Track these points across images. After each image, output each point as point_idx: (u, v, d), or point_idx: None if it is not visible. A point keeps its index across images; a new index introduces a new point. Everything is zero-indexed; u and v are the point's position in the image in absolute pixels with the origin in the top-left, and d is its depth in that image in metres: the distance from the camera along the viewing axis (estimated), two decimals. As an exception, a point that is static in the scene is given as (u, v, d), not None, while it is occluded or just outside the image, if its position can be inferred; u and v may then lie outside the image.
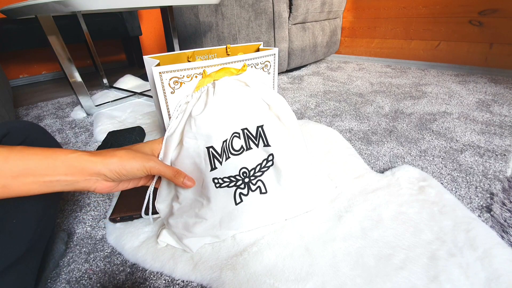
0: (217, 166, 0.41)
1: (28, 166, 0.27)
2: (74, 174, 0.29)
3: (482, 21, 1.32)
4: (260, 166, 0.44)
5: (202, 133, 0.39)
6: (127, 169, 0.33)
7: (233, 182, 0.43)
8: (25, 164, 0.27)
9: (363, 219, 0.48)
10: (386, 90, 1.18)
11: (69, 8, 0.75)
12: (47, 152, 0.29)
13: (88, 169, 0.30)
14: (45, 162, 0.28)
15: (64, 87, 1.53)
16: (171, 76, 0.41)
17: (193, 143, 0.39)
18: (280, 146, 0.44)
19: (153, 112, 1.05)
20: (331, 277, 0.38)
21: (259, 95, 0.43)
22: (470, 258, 0.40)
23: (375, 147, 0.73)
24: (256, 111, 0.42)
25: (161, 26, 2.09)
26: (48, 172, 0.28)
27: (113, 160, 0.32)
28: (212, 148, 0.40)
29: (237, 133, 0.42)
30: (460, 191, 0.55)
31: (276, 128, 0.44)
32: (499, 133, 0.76)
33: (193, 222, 0.42)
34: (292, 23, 1.36)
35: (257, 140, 0.43)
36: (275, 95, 0.45)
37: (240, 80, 0.44)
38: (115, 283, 0.41)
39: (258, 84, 0.44)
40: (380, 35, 1.70)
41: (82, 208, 0.56)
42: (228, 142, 0.41)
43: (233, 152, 0.42)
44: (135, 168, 0.33)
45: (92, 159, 0.31)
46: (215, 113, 0.40)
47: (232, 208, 0.44)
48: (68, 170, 0.29)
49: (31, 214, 0.32)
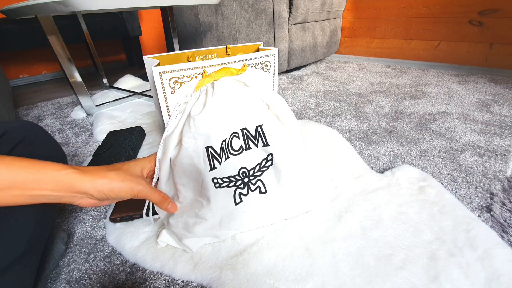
0: (216, 166, 0.41)
1: (16, 179, 0.27)
2: (61, 190, 0.29)
3: (482, 21, 1.32)
4: (260, 166, 0.44)
5: (201, 133, 0.39)
6: (115, 192, 0.33)
7: (233, 182, 0.43)
8: (13, 177, 0.27)
9: (363, 219, 0.48)
10: (386, 90, 1.18)
11: (69, 8, 0.75)
12: (37, 166, 0.28)
13: (76, 187, 0.30)
14: (34, 176, 0.28)
15: (64, 87, 1.53)
16: (171, 76, 0.41)
17: (192, 143, 0.39)
18: (280, 146, 0.44)
19: (153, 112, 1.05)
20: (331, 277, 0.38)
21: (258, 95, 0.43)
22: (470, 258, 0.40)
23: (375, 147, 0.73)
24: (255, 111, 0.42)
25: (161, 26, 2.09)
26: (35, 186, 0.28)
27: (103, 182, 0.32)
28: (211, 148, 0.40)
29: (236, 133, 0.42)
30: (460, 191, 0.55)
31: (276, 128, 0.44)
32: (499, 133, 0.76)
33: (193, 222, 0.42)
34: (292, 23, 1.36)
35: (256, 140, 0.43)
36: (274, 95, 0.45)
37: (239, 80, 0.44)
38: (115, 283, 0.41)
39: (257, 84, 0.44)
40: (380, 35, 1.70)
41: (82, 208, 0.56)
42: (227, 142, 0.41)
43: (233, 152, 0.42)
44: (123, 191, 0.33)
45: (82, 178, 0.30)
46: (214, 113, 0.40)
47: (232, 208, 0.44)
48: (56, 186, 0.29)
49: (30, 214, 0.32)
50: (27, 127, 0.39)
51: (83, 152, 0.80)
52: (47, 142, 0.42)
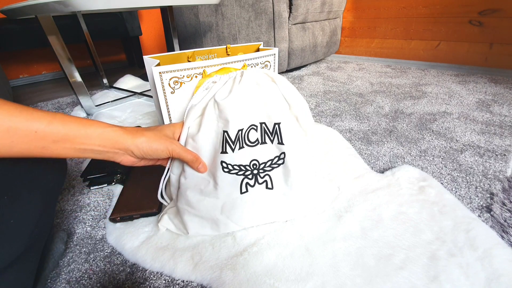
0: (228, 151, 0.42)
1: (69, 133, 0.30)
2: (106, 146, 0.33)
3: (482, 21, 1.32)
4: (271, 162, 0.45)
5: (222, 117, 0.41)
6: (153, 149, 0.36)
7: (242, 171, 0.44)
8: (66, 131, 0.30)
9: (363, 219, 0.48)
10: (386, 90, 1.18)
11: (69, 8, 0.75)
12: (86, 123, 0.32)
13: (119, 144, 0.34)
14: (84, 132, 0.31)
15: (64, 87, 1.53)
16: (171, 76, 0.41)
17: (214, 124, 0.41)
18: (294, 147, 0.44)
19: (153, 112, 1.05)
20: (331, 277, 0.38)
21: (282, 93, 0.44)
22: (470, 258, 0.40)
23: (375, 147, 0.73)
24: (276, 108, 0.43)
25: (161, 26, 2.09)
26: (84, 141, 0.31)
27: (142, 140, 0.35)
28: (226, 133, 0.41)
29: (255, 125, 0.43)
30: (460, 191, 0.55)
31: (293, 128, 0.45)
32: (499, 133, 0.76)
33: (196, 199, 0.44)
34: (292, 23, 1.36)
35: (273, 136, 0.44)
36: (298, 97, 0.45)
37: (268, 74, 0.44)
38: (115, 283, 0.41)
39: (284, 82, 0.45)
40: (380, 35, 1.70)
41: (82, 208, 0.56)
42: (244, 132, 0.42)
43: (248, 143, 0.43)
44: (160, 149, 0.37)
45: (124, 136, 0.34)
46: (238, 102, 0.41)
47: (237, 196, 0.44)
48: (102, 142, 0.32)
49: (29, 214, 0.32)
50: None
51: (83, 152, 0.80)
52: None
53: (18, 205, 0.31)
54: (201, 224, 0.45)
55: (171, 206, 0.49)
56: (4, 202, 0.28)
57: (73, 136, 0.30)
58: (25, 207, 0.32)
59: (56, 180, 0.37)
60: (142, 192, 0.55)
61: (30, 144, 0.27)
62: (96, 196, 0.60)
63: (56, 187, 0.38)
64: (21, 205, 0.31)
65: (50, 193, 0.36)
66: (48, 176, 0.36)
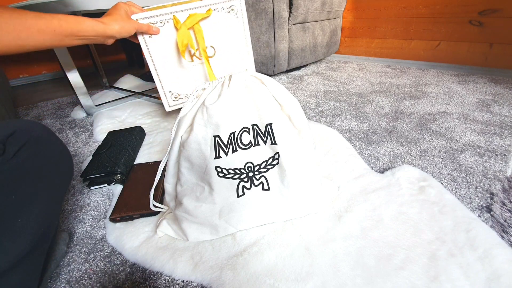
0: (222, 156, 0.42)
1: (73, 29, 0.44)
2: (98, 35, 0.48)
3: (482, 21, 1.32)
4: (266, 163, 0.45)
5: (212, 122, 0.41)
6: (127, 31, 0.52)
7: (238, 174, 0.43)
8: (76, 27, 0.44)
9: (363, 219, 0.48)
10: (386, 90, 1.18)
11: (69, 8, 0.75)
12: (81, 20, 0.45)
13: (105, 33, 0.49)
14: (82, 27, 0.45)
15: (64, 87, 1.53)
16: (148, 22, 0.57)
17: (202, 130, 0.41)
18: (287, 146, 0.44)
19: (153, 112, 1.05)
20: (331, 277, 0.38)
21: (272, 94, 0.44)
22: (470, 258, 0.40)
23: (375, 147, 0.73)
24: (266, 109, 0.43)
25: (161, 26, 2.09)
26: (84, 33, 0.46)
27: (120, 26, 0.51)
28: (218, 138, 0.41)
29: (247, 128, 0.43)
30: (460, 191, 0.55)
31: (285, 128, 0.44)
32: (499, 133, 0.76)
33: (193, 206, 0.44)
34: (292, 23, 1.36)
35: (265, 137, 0.44)
36: (289, 96, 0.45)
37: (257, 77, 0.45)
38: (115, 283, 0.40)
39: (273, 83, 0.45)
40: (380, 35, 1.70)
41: (82, 208, 0.56)
42: (236, 136, 0.42)
43: (241, 146, 0.43)
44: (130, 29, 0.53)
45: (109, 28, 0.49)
46: (227, 105, 0.41)
47: (234, 199, 0.44)
48: (95, 33, 0.47)
49: (36, 215, 0.32)
50: (34, 128, 0.39)
51: (83, 152, 0.80)
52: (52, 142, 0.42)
53: (25, 206, 0.31)
54: (200, 230, 0.45)
55: (169, 212, 0.49)
56: (12, 201, 0.28)
57: (77, 31, 0.44)
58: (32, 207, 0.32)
59: (62, 181, 0.38)
60: (142, 192, 0.55)
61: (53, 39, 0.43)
62: (96, 196, 0.60)
63: (63, 187, 0.38)
64: (28, 205, 0.32)
65: (56, 194, 0.36)
66: (55, 176, 0.36)
